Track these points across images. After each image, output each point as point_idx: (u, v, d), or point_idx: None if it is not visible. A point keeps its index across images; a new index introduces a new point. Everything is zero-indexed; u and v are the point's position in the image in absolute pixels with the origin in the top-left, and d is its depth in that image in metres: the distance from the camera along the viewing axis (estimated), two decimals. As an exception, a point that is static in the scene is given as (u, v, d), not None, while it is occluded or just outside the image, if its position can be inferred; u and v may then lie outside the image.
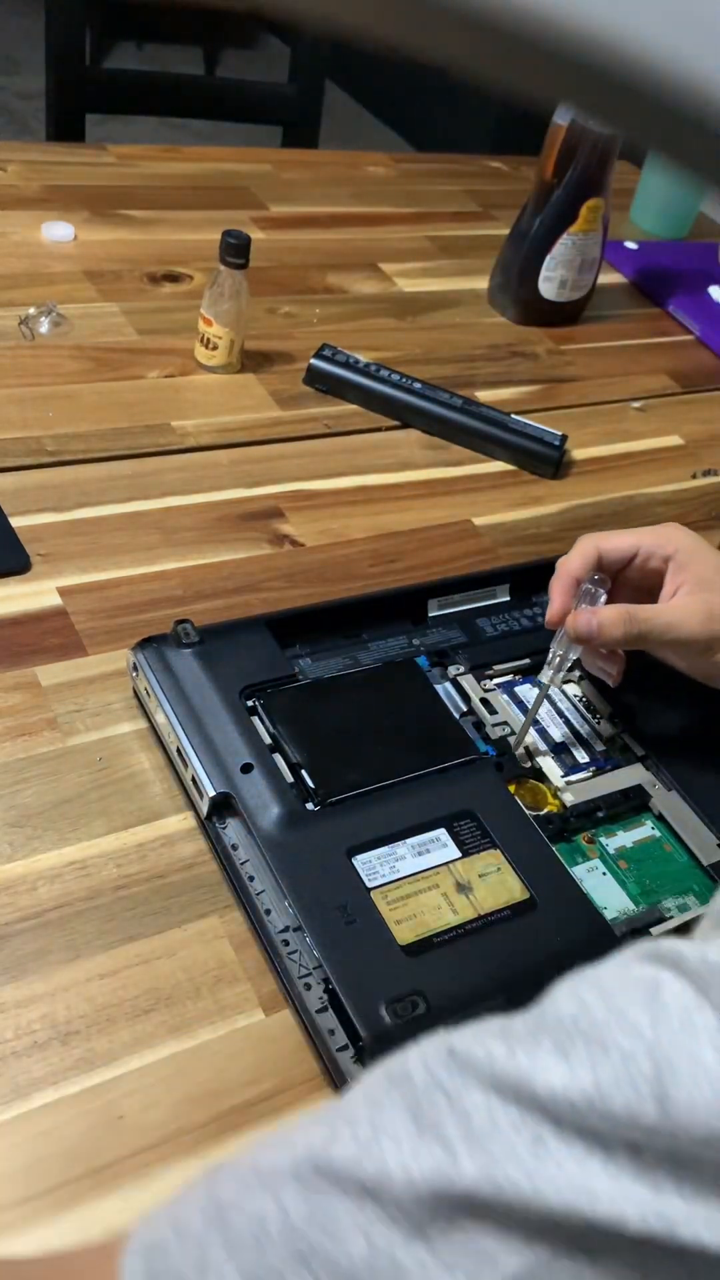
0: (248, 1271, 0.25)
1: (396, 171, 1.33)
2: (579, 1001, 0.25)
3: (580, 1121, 0.24)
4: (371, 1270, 0.24)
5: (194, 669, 0.61)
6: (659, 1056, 0.24)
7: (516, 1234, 0.24)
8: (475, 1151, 0.24)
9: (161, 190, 1.14)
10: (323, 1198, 0.25)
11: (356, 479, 0.85)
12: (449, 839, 0.57)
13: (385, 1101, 0.27)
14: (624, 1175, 0.23)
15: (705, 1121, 0.22)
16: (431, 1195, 0.24)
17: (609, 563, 0.63)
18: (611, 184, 1.04)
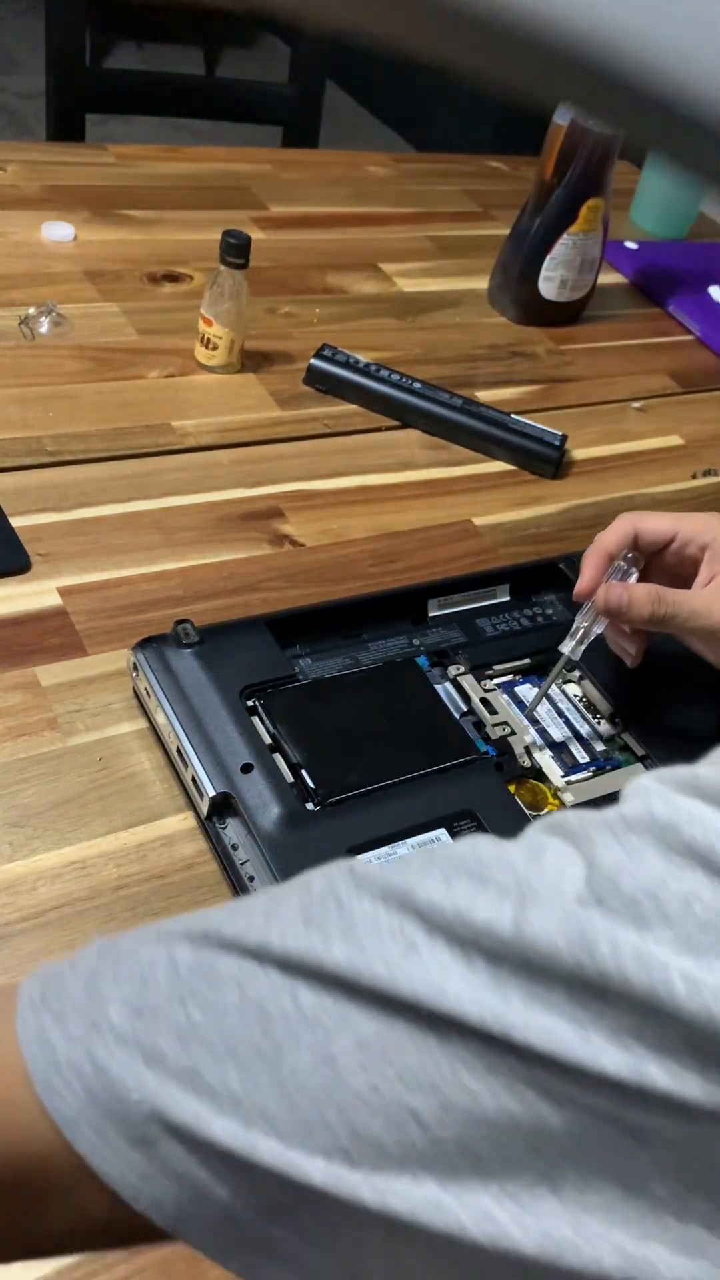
0: (130, 1001, 0.28)
1: (396, 171, 1.33)
2: (472, 845, 0.28)
3: (448, 929, 0.27)
4: (240, 1015, 0.27)
5: (194, 669, 0.61)
6: (525, 888, 0.27)
7: (375, 1007, 0.27)
8: (349, 944, 0.28)
9: (161, 190, 1.14)
10: (208, 953, 0.29)
11: (356, 479, 0.85)
12: (449, 839, 0.57)
13: (282, 900, 0.30)
14: (477, 980, 0.26)
15: (550, 940, 0.25)
16: (300, 966, 0.28)
17: (646, 544, 0.64)
18: (611, 184, 1.04)
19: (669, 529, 0.64)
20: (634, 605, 0.60)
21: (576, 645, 0.63)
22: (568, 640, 0.63)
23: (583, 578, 0.63)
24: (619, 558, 0.63)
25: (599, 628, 0.63)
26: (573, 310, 1.11)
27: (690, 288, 1.24)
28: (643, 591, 0.60)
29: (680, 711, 0.67)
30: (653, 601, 0.60)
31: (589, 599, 0.62)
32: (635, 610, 0.60)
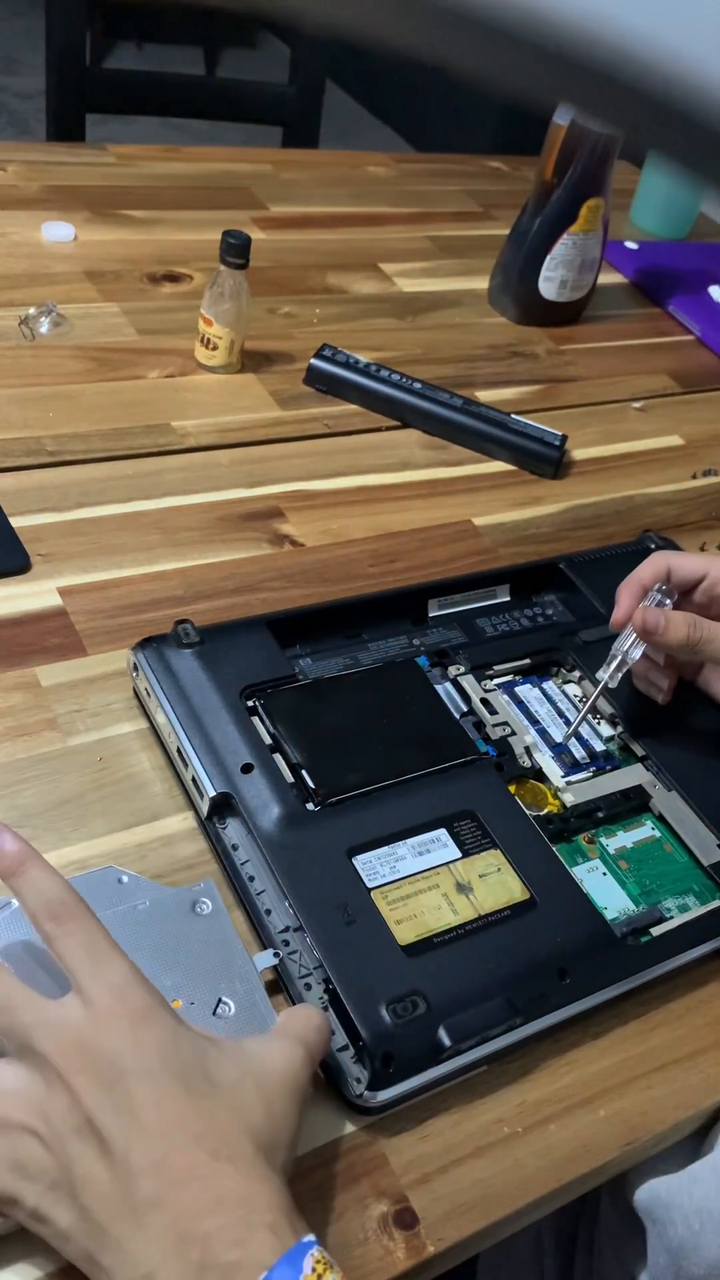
0: None
1: (396, 171, 1.33)
2: None
3: None
4: None
5: (194, 669, 0.61)
6: None
7: None
8: None
9: (161, 190, 1.14)
10: None
11: (356, 479, 0.85)
12: (449, 839, 0.57)
13: None
14: None
15: None
16: None
17: (678, 580, 0.66)
18: (611, 184, 1.04)
19: (701, 568, 0.65)
20: (671, 627, 0.61)
21: (614, 672, 0.64)
22: (604, 668, 0.64)
23: (619, 606, 0.64)
24: (653, 590, 0.65)
25: (635, 654, 0.64)
26: (573, 310, 1.11)
27: (690, 288, 1.24)
28: (679, 615, 0.62)
29: (680, 712, 0.67)
30: (689, 624, 0.61)
31: (625, 626, 0.64)
32: (672, 632, 0.61)
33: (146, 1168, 0.38)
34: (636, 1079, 0.53)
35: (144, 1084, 0.39)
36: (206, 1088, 0.40)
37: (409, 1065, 0.48)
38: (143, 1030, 0.40)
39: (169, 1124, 0.38)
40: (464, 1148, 0.49)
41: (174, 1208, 0.37)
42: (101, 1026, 0.40)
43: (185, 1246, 0.36)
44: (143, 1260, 0.37)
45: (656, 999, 0.56)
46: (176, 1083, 0.39)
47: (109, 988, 0.40)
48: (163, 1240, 0.37)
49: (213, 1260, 0.36)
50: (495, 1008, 0.50)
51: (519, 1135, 0.50)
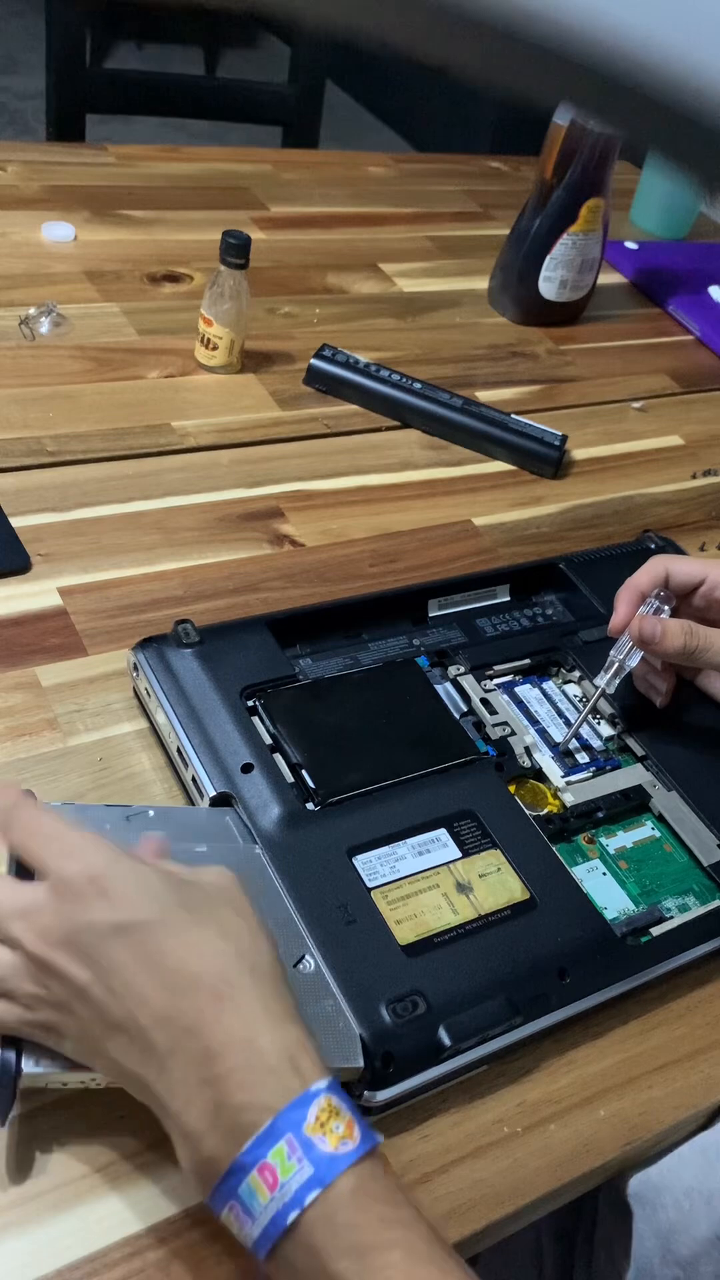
0: None
1: (396, 171, 1.33)
2: None
3: None
4: None
5: (194, 669, 0.61)
6: None
7: None
8: None
9: (161, 190, 1.14)
10: None
11: (356, 479, 0.85)
12: (449, 839, 0.57)
13: None
14: None
15: None
16: None
17: (676, 585, 0.66)
18: (611, 184, 1.04)
19: (699, 572, 0.66)
20: (668, 635, 0.61)
21: (611, 679, 0.64)
22: (602, 674, 0.64)
23: (616, 613, 0.65)
24: (651, 595, 0.65)
25: (632, 661, 0.64)
26: (573, 310, 1.11)
27: (690, 288, 1.24)
28: (676, 624, 0.62)
29: (680, 712, 0.67)
30: (685, 633, 0.62)
31: (623, 633, 0.64)
32: (669, 640, 0.61)
33: (153, 1023, 0.40)
34: (636, 1079, 0.53)
35: (123, 945, 0.40)
36: (187, 920, 0.41)
37: (409, 1065, 0.48)
38: (106, 890, 0.41)
39: (161, 976, 0.40)
40: (464, 1148, 0.49)
41: (187, 1053, 0.39)
42: (65, 901, 0.41)
43: (204, 1087, 0.39)
44: (174, 1099, 0.40)
45: (656, 999, 0.56)
46: (157, 930, 0.41)
47: (63, 860, 0.42)
48: (186, 1082, 0.39)
49: (226, 1100, 0.39)
50: (495, 1007, 0.50)
51: (519, 1135, 0.50)
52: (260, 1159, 0.38)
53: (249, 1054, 0.39)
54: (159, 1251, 0.43)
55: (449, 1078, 0.49)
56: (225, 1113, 0.39)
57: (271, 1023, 0.40)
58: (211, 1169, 0.39)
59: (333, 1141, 0.38)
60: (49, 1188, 0.44)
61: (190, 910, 0.42)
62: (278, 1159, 0.38)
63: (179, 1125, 0.40)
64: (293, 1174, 0.37)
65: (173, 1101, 0.40)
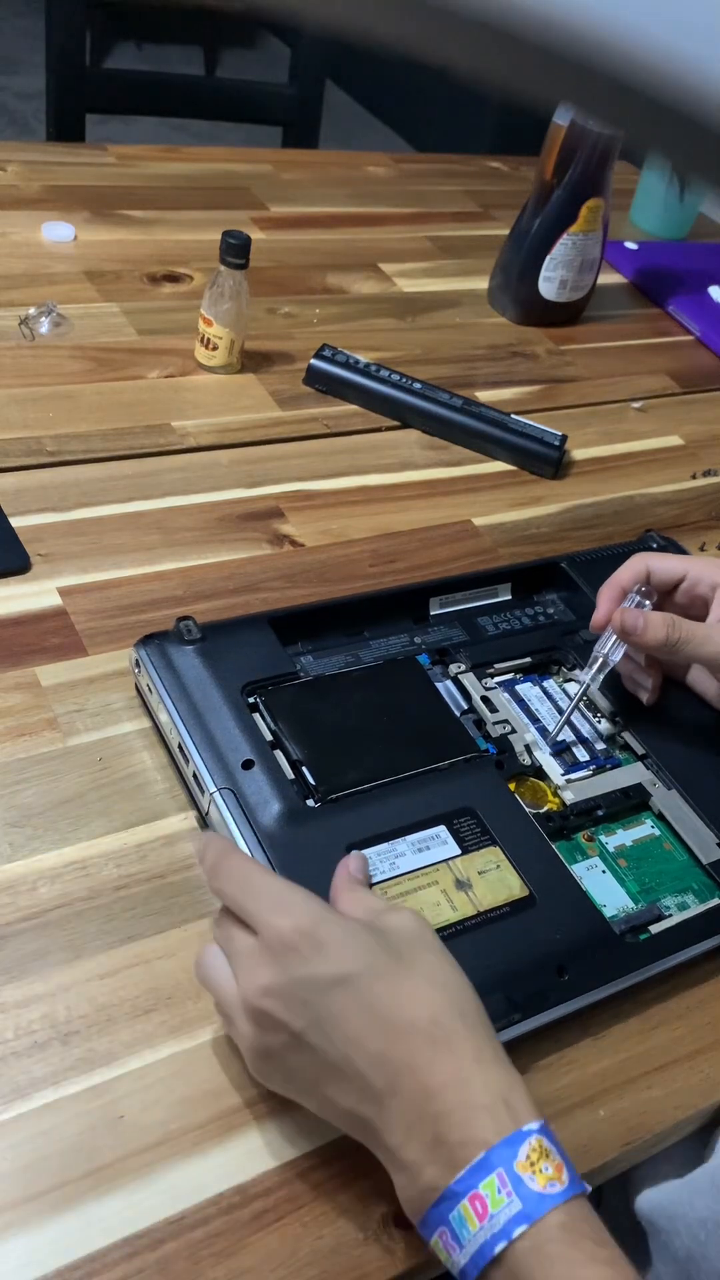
0: None
1: (396, 171, 1.33)
2: None
3: None
4: None
5: (196, 666, 0.61)
6: None
7: None
8: None
9: (161, 190, 1.14)
10: None
11: (356, 479, 0.85)
12: (449, 836, 0.57)
13: None
14: None
15: None
16: None
17: (658, 581, 0.66)
18: (611, 184, 1.04)
19: (680, 569, 0.66)
20: (650, 628, 0.62)
21: (596, 674, 0.64)
22: (587, 669, 0.65)
23: (598, 609, 0.65)
24: (632, 591, 0.66)
25: (616, 655, 0.64)
26: (573, 310, 1.11)
27: (690, 288, 1.24)
28: (658, 616, 0.62)
29: (680, 711, 0.67)
30: (668, 625, 0.62)
31: (605, 628, 0.64)
32: (651, 633, 0.62)
33: (370, 1065, 0.42)
34: (636, 1079, 0.53)
35: (339, 995, 0.43)
36: (397, 968, 0.44)
37: (409, 1063, 0.48)
38: (320, 944, 0.43)
39: (377, 1023, 0.42)
40: (464, 1146, 0.49)
41: (405, 1093, 0.41)
42: (280, 955, 0.43)
43: (422, 1123, 0.41)
44: (393, 1135, 0.42)
45: (656, 998, 0.56)
46: (370, 980, 0.43)
47: (276, 915, 0.44)
48: (404, 1118, 0.41)
49: (444, 1136, 0.41)
50: (494, 1004, 0.50)
51: (519, 1134, 0.50)
52: (472, 1188, 0.39)
53: (465, 1093, 0.41)
54: (158, 1252, 0.43)
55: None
56: (443, 1148, 0.40)
57: (483, 1066, 0.42)
58: (427, 1198, 0.41)
59: (541, 1181, 0.39)
60: (49, 1188, 0.44)
61: (398, 959, 0.44)
62: (489, 1190, 0.39)
63: (398, 1158, 0.42)
64: (502, 1207, 0.39)
65: (392, 1137, 0.42)
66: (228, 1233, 0.44)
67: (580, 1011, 0.53)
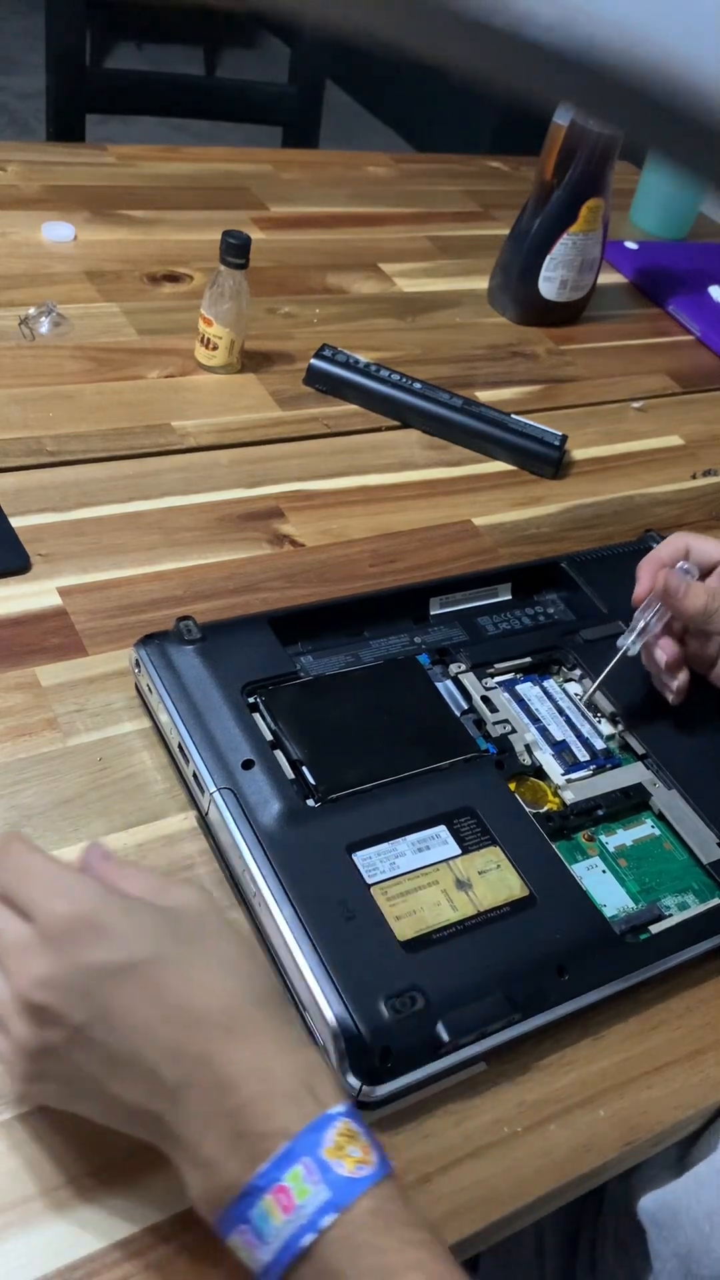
0: None
1: (396, 171, 1.33)
2: None
3: None
4: None
5: (196, 665, 0.61)
6: None
7: None
8: None
9: (161, 190, 1.14)
10: None
11: (356, 479, 0.85)
12: (449, 836, 0.57)
13: None
14: None
15: None
16: None
17: (694, 560, 0.67)
18: (611, 184, 1.04)
19: (718, 553, 0.67)
20: (691, 593, 0.63)
21: (634, 640, 0.65)
22: (626, 635, 0.65)
23: (639, 582, 0.66)
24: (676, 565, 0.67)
25: (656, 625, 0.65)
26: (573, 310, 1.11)
27: (690, 288, 1.24)
28: (700, 585, 0.64)
29: (680, 711, 0.67)
30: (709, 594, 0.63)
31: (644, 601, 0.65)
32: (691, 599, 0.63)
33: (162, 1058, 0.39)
34: (636, 1079, 0.53)
35: (123, 984, 0.40)
36: (186, 954, 0.41)
37: (407, 1060, 0.48)
38: (101, 930, 0.40)
39: (167, 1012, 0.40)
40: (464, 1148, 0.49)
41: (201, 1086, 0.39)
42: (57, 944, 0.40)
43: (221, 1118, 0.38)
44: (189, 1130, 0.39)
45: (656, 999, 0.56)
46: (157, 967, 0.40)
47: (54, 900, 0.41)
48: (202, 1113, 0.39)
49: (246, 1129, 0.38)
50: (494, 1004, 0.50)
51: (519, 1135, 0.50)
52: (276, 1181, 0.37)
53: (266, 1083, 0.39)
54: (158, 1252, 0.43)
55: (447, 1073, 0.49)
56: (244, 1141, 0.38)
57: (284, 1052, 0.40)
58: (226, 1195, 0.38)
59: (350, 1165, 0.38)
60: (49, 1188, 0.44)
61: (188, 944, 0.41)
62: (294, 1181, 0.37)
63: (194, 1156, 0.39)
64: (309, 1197, 0.37)
65: (188, 1133, 0.39)
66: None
67: (580, 1011, 0.53)
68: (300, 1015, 0.50)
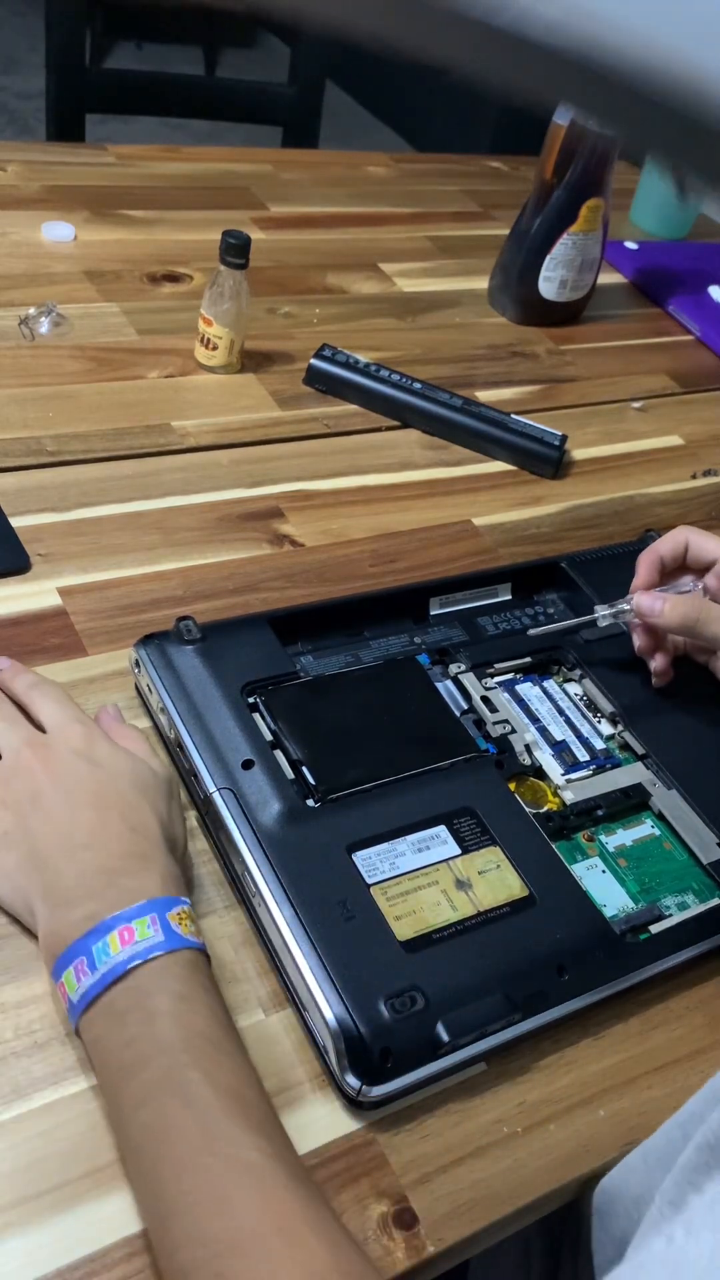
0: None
1: (396, 171, 1.33)
2: None
3: None
4: None
5: (196, 665, 0.61)
6: None
7: None
8: None
9: (161, 190, 1.14)
10: None
11: (356, 479, 0.85)
12: (449, 836, 0.57)
13: None
14: None
15: None
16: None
17: (693, 557, 0.68)
18: (611, 184, 1.04)
19: (716, 551, 0.68)
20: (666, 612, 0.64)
21: (606, 614, 0.67)
22: (602, 608, 0.67)
23: (637, 575, 0.68)
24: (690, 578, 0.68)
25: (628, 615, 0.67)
26: (573, 310, 1.11)
27: (690, 288, 1.24)
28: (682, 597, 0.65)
29: (680, 711, 0.67)
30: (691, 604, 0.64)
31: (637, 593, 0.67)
32: (669, 613, 0.64)
33: (83, 825, 0.50)
34: (636, 1079, 0.53)
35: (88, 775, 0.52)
36: (139, 794, 0.52)
37: (407, 1060, 0.48)
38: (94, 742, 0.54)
39: (99, 804, 0.51)
40: (464, 1148, 0.49)
41: (100, 851, 0.49)
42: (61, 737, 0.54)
43: (101, 874, 0.48)
44: (70, 884, 0.48)
45: (656, 998, 0.56)
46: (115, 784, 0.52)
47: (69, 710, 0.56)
48: (88, 871, 0.48)
49: (117, 884, 0.48)
50: (494, 1004, 0.50)
51: (519, 1135, 0.50)
52: (126, 922, 0.46)
53: (145, 862, 0.49)
54: (159, 1249, 0.43)
55: (447, 1073, 0.49)
56: (112, 890, 0.47)
57: (167, 879, 0.49)
58: (80, 928, 0.46)
59: (185, 930, 0.47)
60: (49, 1188, 0.44)
61: (141, 790, 0.52)
62: (139, 925, 0.46)
63: (64, 896, 0.48)
64: (148, 938, 0.46)
65: (65, 879, 0.48)
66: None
67: (580, 1011, 0.53)
68: (300, 1015, 0.50)
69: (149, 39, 3.69)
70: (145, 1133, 0.42)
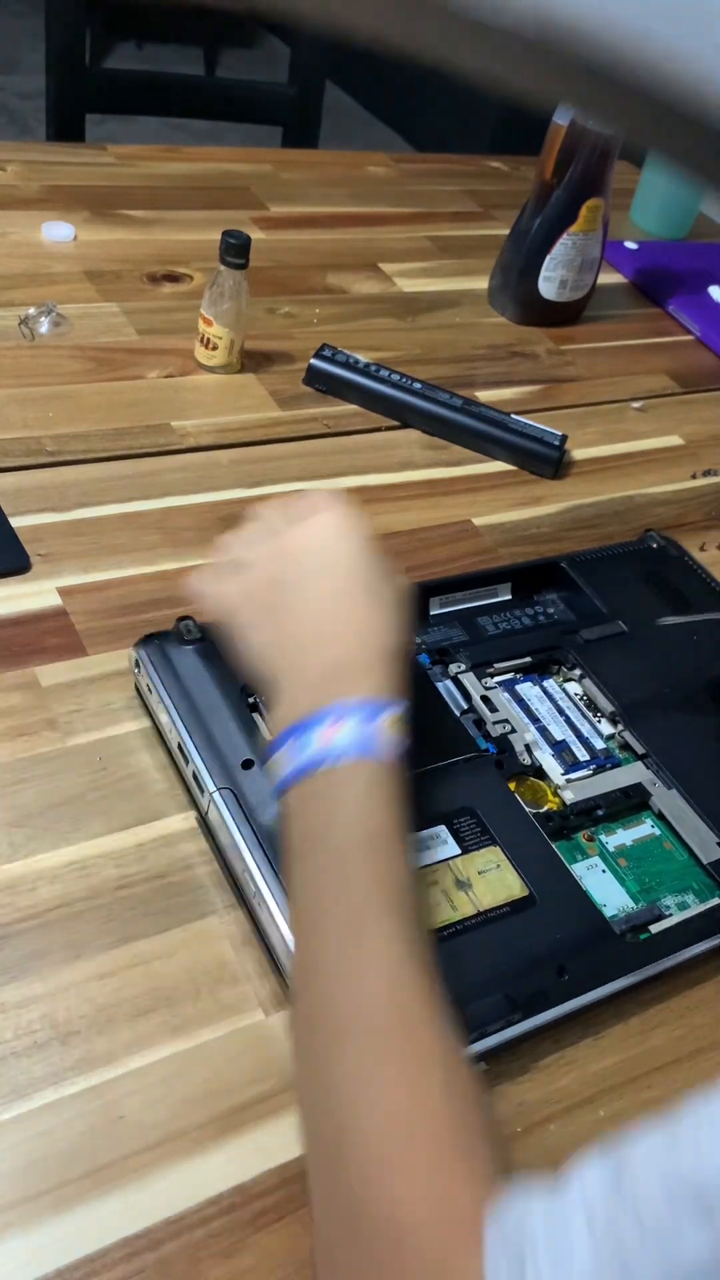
0: None
1: (396, 171, 1.33)
2: None
3: None
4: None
5: (196, 665, 0.61)
6: None
7: None
8: None
9: (161, 190, 1.14)
10: None
11: (356, 479, 0.85)
12: (449, 836, 0.57)
13: None
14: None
15: None
16: None
17: None
18: (611, 184, 1.04)
19: None
20: None
21: None
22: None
23: None
24: None
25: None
26: (573, 310, 1.11)
27: (690, 288, 1.24)
28: None
29: (680, 711, 0.67)
30: None
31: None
32: None
33: (326, 617, 0.55)
34: (636, 1079, 0.53)
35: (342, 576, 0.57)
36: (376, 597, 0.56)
37: (409, 1063, 0.48)
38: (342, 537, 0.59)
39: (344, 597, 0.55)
40: (464, 1146, 0.49)
41: (337, 645, 0.53)
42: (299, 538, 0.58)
43: (334, 667, 0.52)
44: (305, 666, 0.53)
45: (656, 998, 0.56)
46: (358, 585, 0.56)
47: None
48: (321, 659, 0.53)
49: (342, 674, 0.52)
50: (493, 1004, 0.50)
51: (519, 1135, 0.50)
52: (339, 719, 0.50)
53: (372, 670, 0.52)
54: (158, 1252, 0.43)
55: (449, 1076, 0.49)
56: (340, 684, 0.51)
57: (388, 682, 0.52)
58: (303, 713, 0.50)
59: (389, 734, 0.50)
60: (49, 1188, 0.44)
61: (377, 594, 0.56)
62: (345, 726, 0.49)
63: (305, 680, 0.52)
64: (350, 738, 0.49)
65: (308, 668, 0.53)
66: (228, 1233, 0.44)
67: (580, 1011, 0.53)
68: None
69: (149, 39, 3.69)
70: (308, 907, 0.47)
